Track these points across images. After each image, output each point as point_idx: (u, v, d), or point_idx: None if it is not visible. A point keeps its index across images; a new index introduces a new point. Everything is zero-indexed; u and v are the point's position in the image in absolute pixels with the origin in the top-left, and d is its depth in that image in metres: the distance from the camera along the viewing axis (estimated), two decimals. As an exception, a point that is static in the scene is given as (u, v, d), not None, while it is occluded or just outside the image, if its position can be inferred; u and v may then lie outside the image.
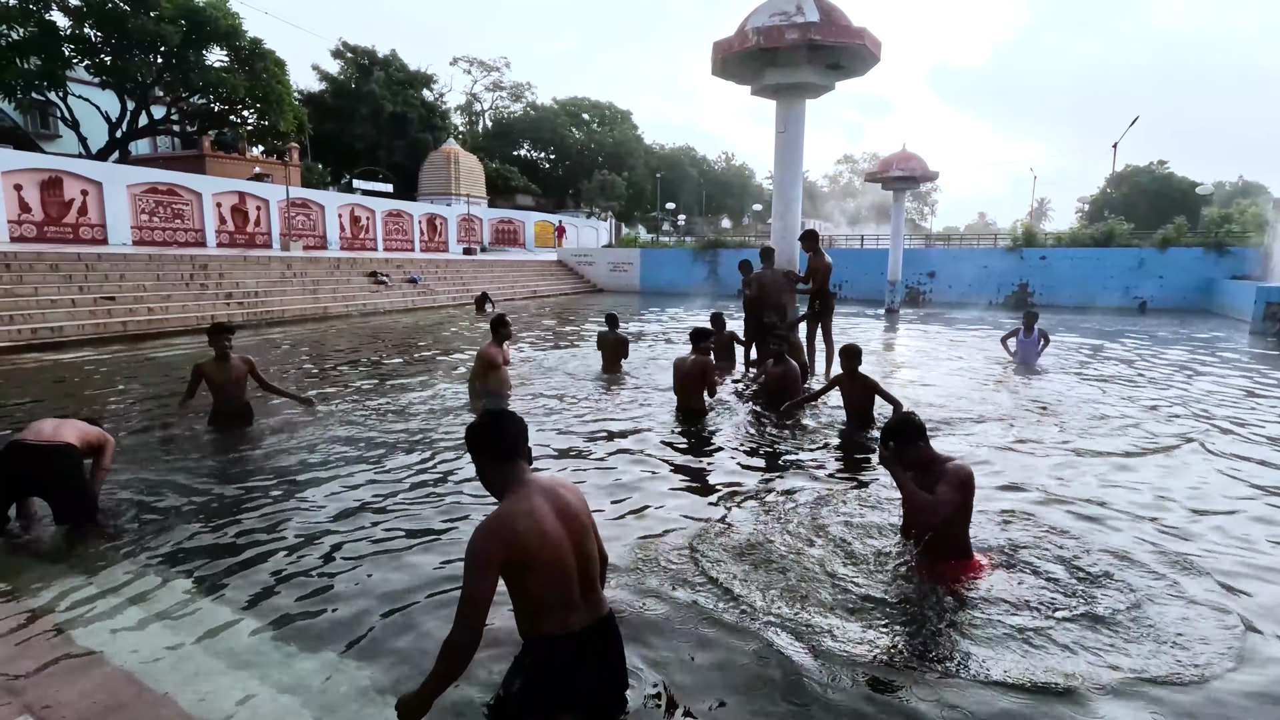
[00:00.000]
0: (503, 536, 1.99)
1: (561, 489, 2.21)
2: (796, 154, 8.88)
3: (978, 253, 26.02)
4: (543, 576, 2.05)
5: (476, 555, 1.97)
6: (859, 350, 6.17)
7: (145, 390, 7.97)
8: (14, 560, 3.56)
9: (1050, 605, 3.10)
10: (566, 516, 2.13)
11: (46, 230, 17.85)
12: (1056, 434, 6.12)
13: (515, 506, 2.05)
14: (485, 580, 1.97)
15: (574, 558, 2.12)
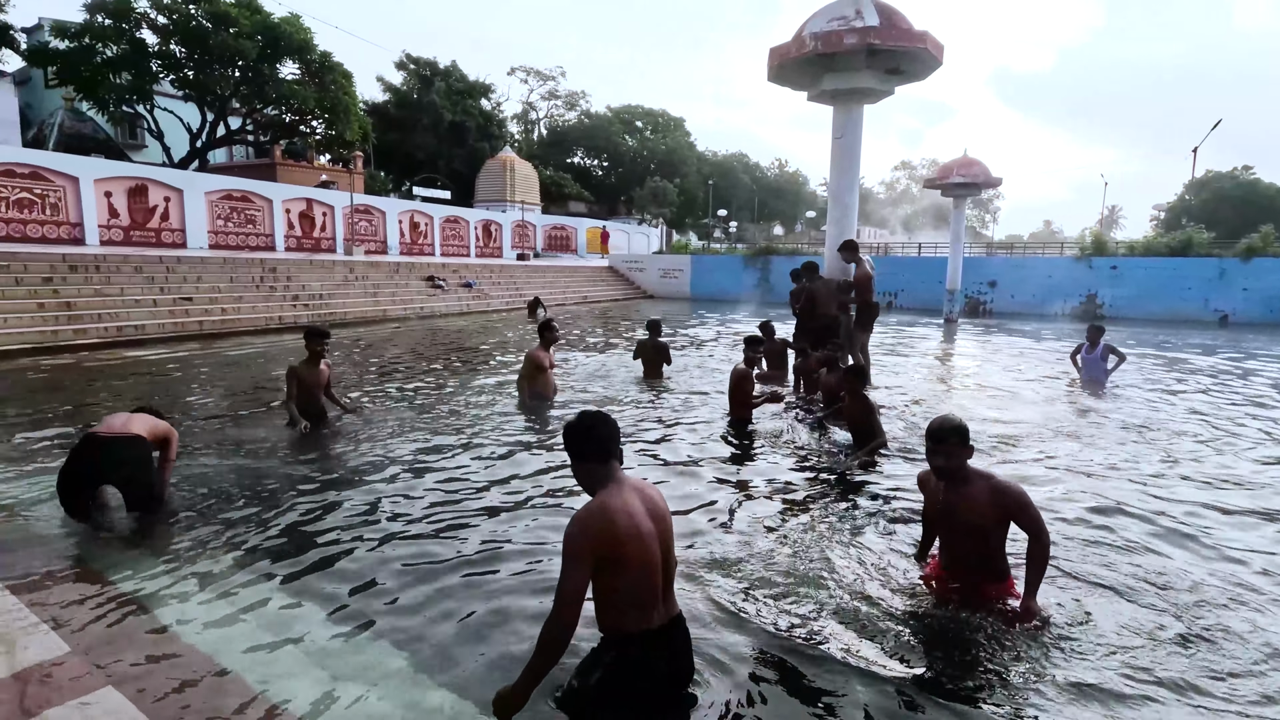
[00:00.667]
0: (597, 531, 2.07)
1: (649, 489, 2.28)
2: (853, 160, 8.72)
3: (1043, 261, 25.07)
4: (631, 573, 2.12)
5: (572, 548, 2.06)
6: (864, 370, 6.01)
7: (226, 386, 8.38)
8: (94, 546, 3.79)
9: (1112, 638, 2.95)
10: (655, 516, 2.20)
11: (132, 234, 18.99)
12: (1112, 457, 5.74)
13: (610, 502, 2.12)
14: (579, 572, 2.05)
15: (660, 557, 2.18)
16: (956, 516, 2.98)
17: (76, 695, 2.34)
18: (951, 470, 2.96)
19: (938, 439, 2.96)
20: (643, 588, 2.16)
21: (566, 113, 61.81)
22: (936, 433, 2.97)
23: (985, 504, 2.89)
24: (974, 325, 19.26)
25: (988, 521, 2.90)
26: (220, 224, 21.22)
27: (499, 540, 3.91)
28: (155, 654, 2.71)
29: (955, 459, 2.94)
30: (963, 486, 2.96)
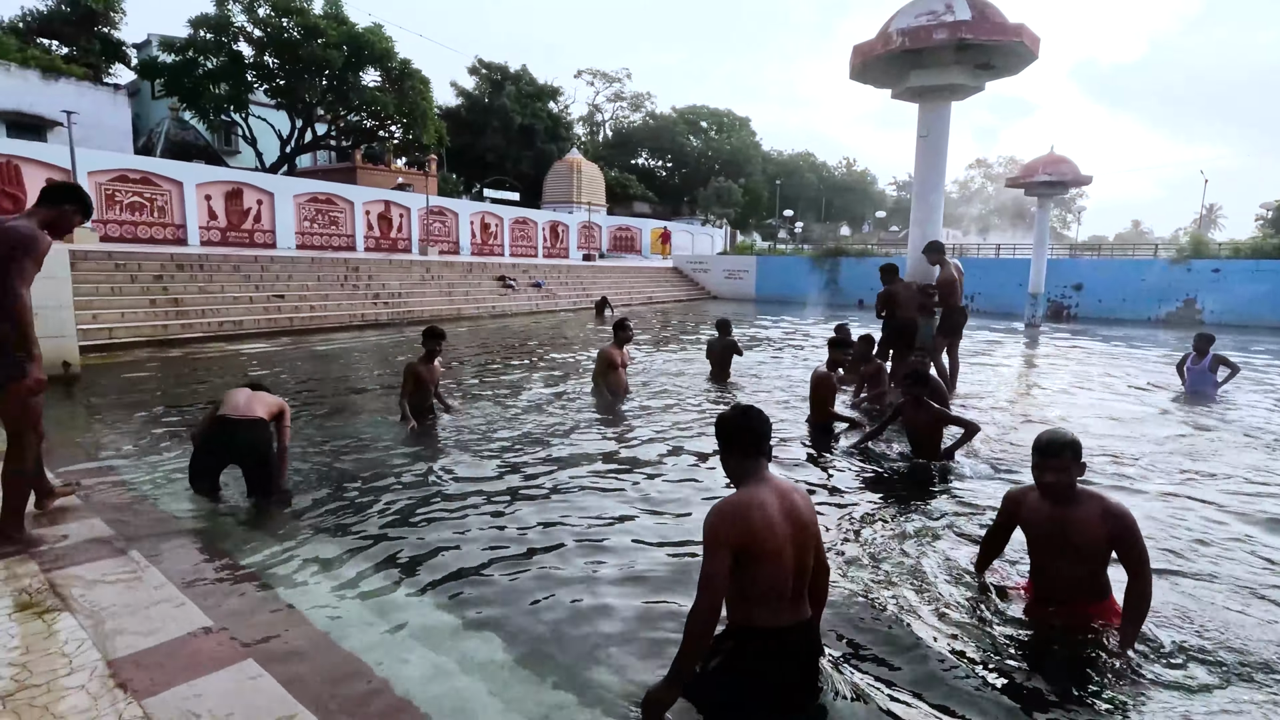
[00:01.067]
0: (734, 522, 2.13)
1: (795, 494, 2.29)
2: (939, 159, 8.46)
3: (1134, 264, 23.61)
4: (762, 569, 2.16)
5: (710, 537, 2.14)
6: (925, 376, 5.54)
7: (322, 377, 8.83)
8: (217, 525, 4.06)
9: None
10: (794, 518, 2.22)
11: (228, 235, 20.23)
12: (1229, 480, 5.29)
13: (750, 497, 2.18)
14: (718, 559, 2.11)
15: (793, 559, 2.21)
16: (1066, 539, 2.74)
17: (222, 665, 2.52)
18: (1062, 488, 2.74)
19: (1049, 453, 2.74)
20: (770, 586, 2.20)
21: (631, 114, 62.27)
22: (1047, 447, 2.76)
23: (1097, 526, 2.68)
24: (1058, 331, 18.35)
25: (1099, 545, 2.71)
26: (306, 225, 22.35)
27: (596, 535, 3.98)
28: (280, 629, 2.88)
29: (1067, 476, 2.73)
30: (1071, 506, 2.74)
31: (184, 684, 2.41)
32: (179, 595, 3.06)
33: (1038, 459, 2.78)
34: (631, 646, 2.88)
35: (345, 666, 2.65)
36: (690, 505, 4.54)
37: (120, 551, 3.48)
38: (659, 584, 3.44)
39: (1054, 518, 2.78)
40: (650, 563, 3.67)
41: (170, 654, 2.59)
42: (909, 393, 5.38)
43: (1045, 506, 2.82)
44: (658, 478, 5.09)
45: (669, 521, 4.27)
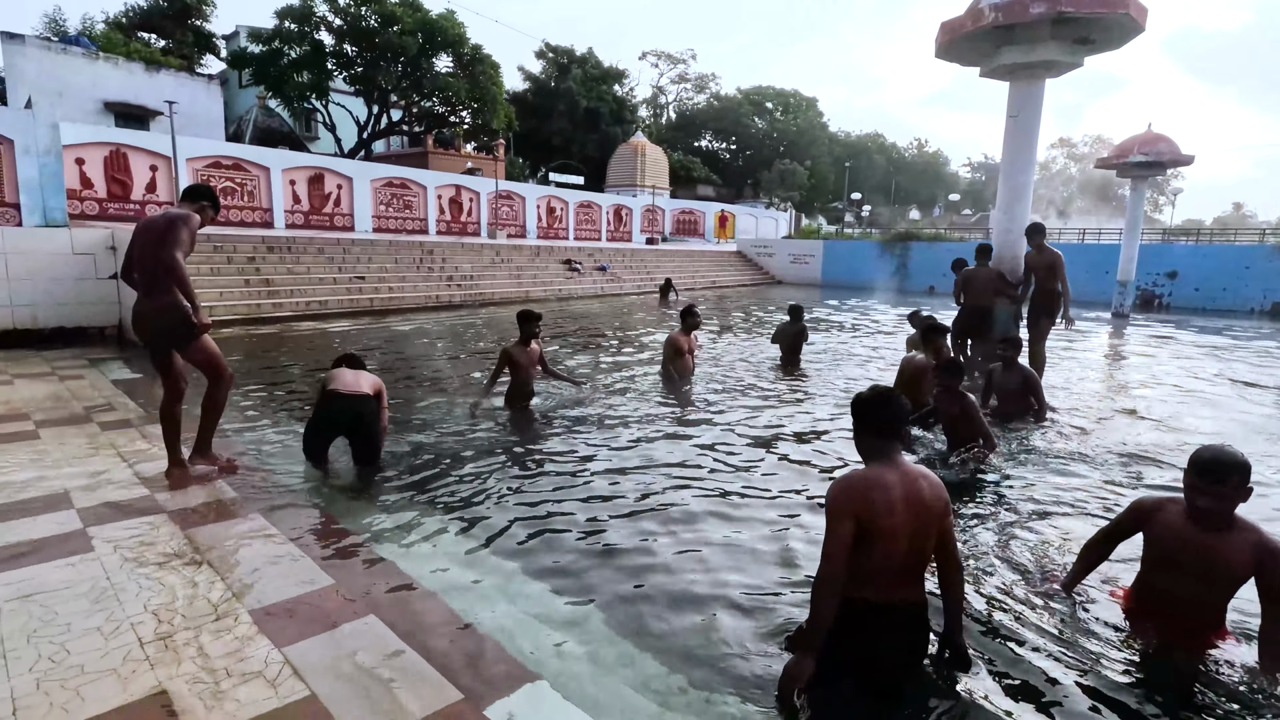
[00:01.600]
0: (854, 496, 2.25)
1: (922, 480, 2.34)
2: (1030, 139, 8.09)
3: (1237, 250, 21.98)
4: (876, 546, 2.25)
5: (833, 507, 2.27)
6: (960, 366, 5.24)
7: (410, 356, 9.24)
8: (327, 493, 4.34)
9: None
10: (915, 502, 2.28)
11: (311, 219, 21.18)
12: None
13: (874, 477, 2.28)
14: (842, 529, 2.23)
15: (907, 541, 2.27)
16: (1204, 566, 2.48)
17: (348, 620, 2.73)
18: (1219, 516, 2.44)
19: (1215, 477, 2.40)
20: (882, 563, 2.28)
21: (696, 95, 61.55)
22: (1213, 468, 2.41)
23: (1247, 559, 2.41)
24: (1149, 321, 17.31)
25: (1242, 576, 2.45)
26: (382, 209, 23.16)
27: (676, 517, 4.07)
28: (387, 584, 3.08)
29: (1229, 504, 2.42)
30: (1225, 533, 2.46)
31: (315, 636, 2.63)
32: (298, 553, 3.32)
33: (1196, 480, 2.45)
34: (700, 616, 2.96)
35: (442, 614, 2.83)
36: (765, 485, 4.58)
37: (245, 514, 3.78)
38: (731, 556, 3.50)
39: (1196, 543, 2.50)
40: (720, 538, 3.73)
41: (296, 606, 2.83)
42: (942, 383, 5.13)
43: (1188, 528, 2.52)
44: (729, 458, 5.13)
45: (749, 502, 4.32)
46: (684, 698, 2.46)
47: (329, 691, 2.31)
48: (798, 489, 4.58)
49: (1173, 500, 2.62)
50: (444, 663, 2.50)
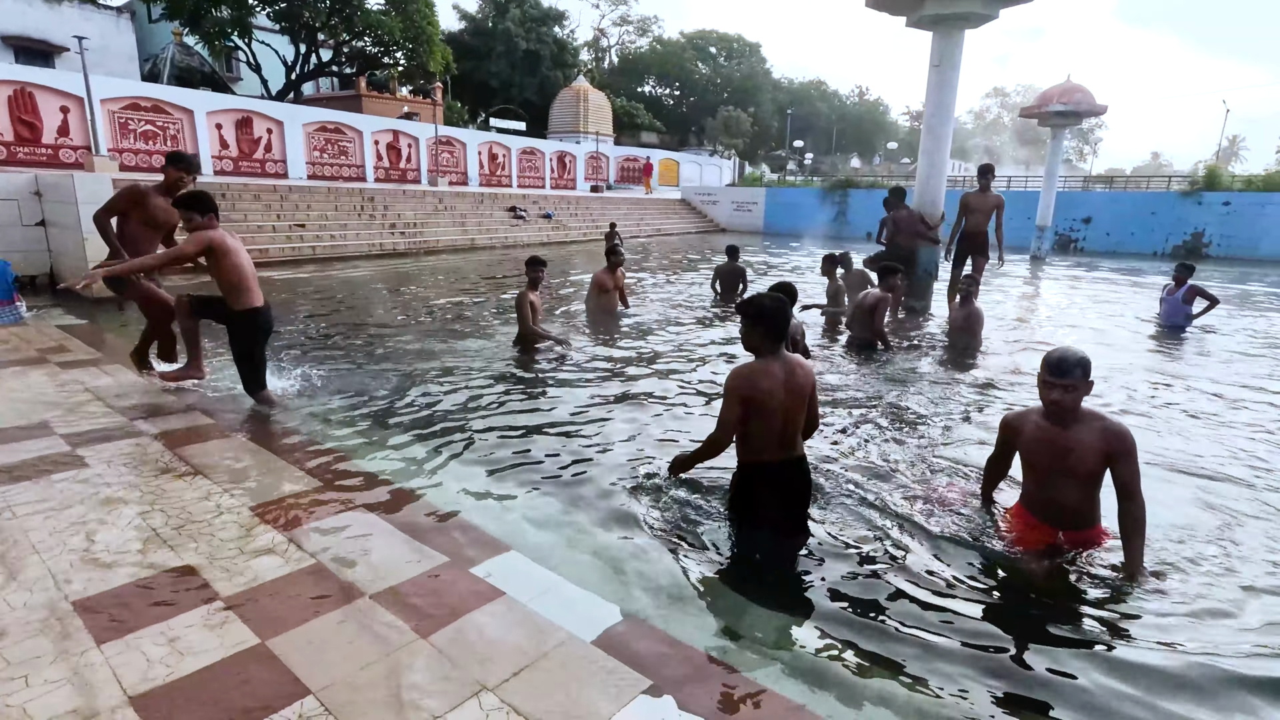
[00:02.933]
0: (746, 382, 2.84)
1: (799, 368, 2.93)
2: (950, 89, 8.65)
3: (1145, 196, 23.52)
4: (762, 420, 2.87)
5: (729, 389, 2.85)
6: (898, 269, 6.83)
7: (370, 303, 9.34)
8: (305, 416, 4.64)
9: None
10: (792, 387, 2.89)
11: (241, 165, 20.32)
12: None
13: (761, 367, 2.87)
14: (732, 406, 2.84)
15: (783, 415, 2.91)
16: (1065, 461, 2.76)
17: (341, 512, 3.13)
18: (1069, 407, 2.71)
19: (1060, 371, 2.70)
20: (770, 431, 2.92)
21: (638, 39, 60.18)
22: (1058, 365, 2.71)
23: (1098, 446, 2.70)
24: (1063, 263, 18.59)
25: (1098, 466, 2.73)
26: (316, 155, 22.35)
27: (594, 413, 4.56)
28: (378, 486, 3.46)
29: (1076, 395, 2.70)
30: (1073, 427, 2.74)
31: (311, 523, 3.02)
32: (285, 464, 3.67)
33: (1048, 376, 2.73)
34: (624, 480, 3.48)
35: (425, 506, 3.25)
36: (700, 390, 5.11)
37: (224, 434, 4.08)
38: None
39: (1055, 440, 2.78)
40: (629, 431, 4.25)
41: (292, 503, 3.20)
42: (884, 282, 6.59)
43: (1045, 428, 2.81)
44: (648, 379, 5.64)
45: (686, 406, 4.84)
46: (635, 562, 2.97)
47: (330, 560, 2.72)
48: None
49: (1031, 410, 2.95)
50: (430, 539, 2.95)
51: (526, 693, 2.02)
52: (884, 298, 6.74)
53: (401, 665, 2.12)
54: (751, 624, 2.54)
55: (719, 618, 2.57)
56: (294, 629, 2.28)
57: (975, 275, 8.00)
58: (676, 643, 2.36)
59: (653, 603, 2.62)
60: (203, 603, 2.40)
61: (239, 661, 2.11)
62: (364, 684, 2.03)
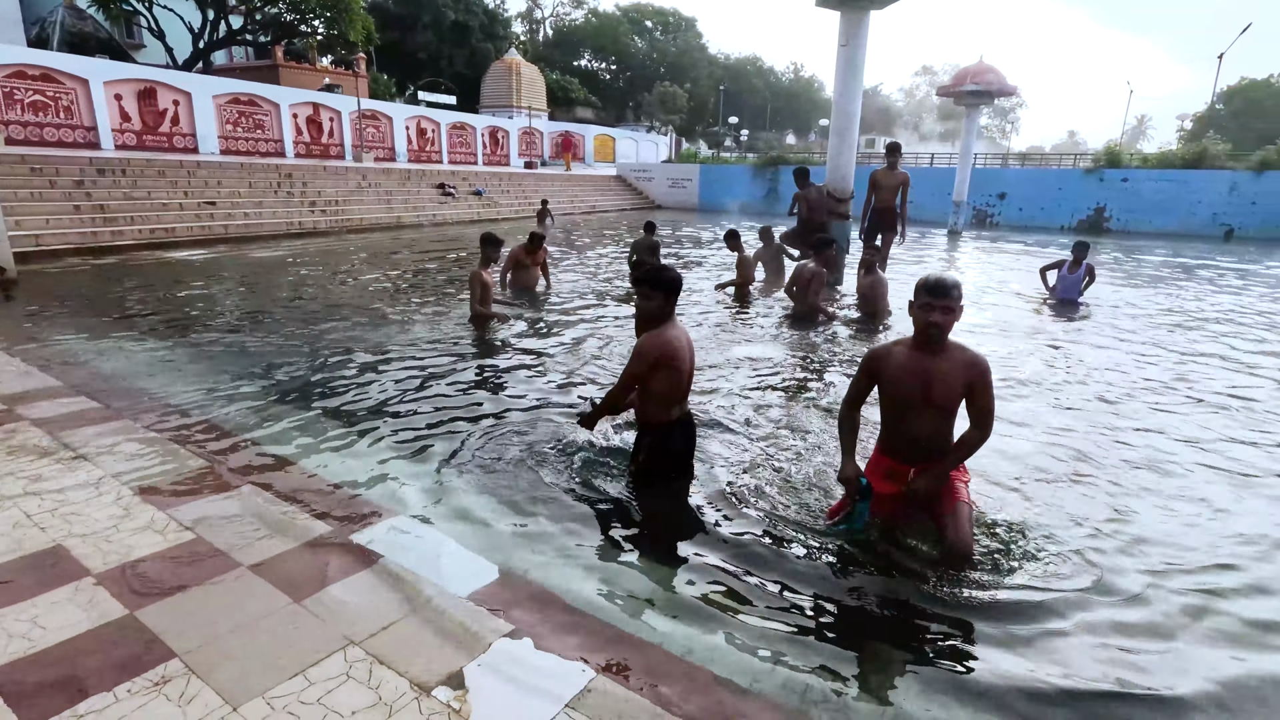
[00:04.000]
0: (661, 346, 3.10)
1: (687, 335, 3.25)
2: (858, 69, 8.94)
3: (1053, 174, 24.84)
4: (670, 380, 3.15)
5: (641, 352, 3.10)
6: (833, 239, 7.27)
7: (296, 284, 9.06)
8: (206, 397, 4.56)
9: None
10: (690, 348, 3.22)
11: (145, 139, 19.15)
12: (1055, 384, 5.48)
13: (669, 333, 3.15)
14: (641, 368, 3.14)
15: (689, 374, 3.23)
16: (929, 391, 2.71)
17: (226, 490, 3.15)
18: (946, 330, 2.68)
19: (939, 291, 2.64)
20: (673, 392, 3.21)
21: (573, 11, 59.10)
22: (938, 286, 2.65)
23: (961, 375, 2.69)
24: (977, 238, 19.51)
25: (958, 395, 2.72)
26: (229, 129, 21.25)
27: (509, 394, 4.67)
28: (267, 465, 3.49)
29: (952, 317, 2.67)
30: (939, 356, 2.71)
31: (196, 500, 3.04)
32: (174, 445, 3.64)
33: (926, 299, 2.66)
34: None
35: (314, 483, 3.31)
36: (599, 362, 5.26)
37: (117, 418, 3.99)
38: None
39: (922, 368, 2.72)
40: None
41: (177, 482, 3.20)
42: (817, 253, 6.96)
43: (914, 356, 2.74)
44: (561, 349, 5.78)
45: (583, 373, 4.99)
46: (523, 523, 3.11)
47: (212, 533, 2.76)
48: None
49: (897, 342, 2.86)
50: (313, 509, 3.01)
51: (392, 644, 2.14)
52: (819, 272, 7.09)
53: (271, 628, 2.20)
54: (627, 573, 2.73)
55: (596, 570, 2.74)
56: (164, 598, 2.32)
57: (884, 250, 8.38)
58: (546, 592, 2.52)
59: (535, 560, 2.77)
60: (70, 580, 2.41)
61: (105, 631, 2.15)
62: (231, 646, 2.11)
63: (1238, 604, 2.65)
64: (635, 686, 2.01)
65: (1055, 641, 2.39)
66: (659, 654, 2.21)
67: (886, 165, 8.74)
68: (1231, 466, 3.91)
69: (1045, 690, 2.17)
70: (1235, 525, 3.25)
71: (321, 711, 1.86)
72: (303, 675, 1.99)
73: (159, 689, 1.92)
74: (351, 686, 1.96)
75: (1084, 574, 2.78)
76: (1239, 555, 2.99)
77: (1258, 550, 3.03)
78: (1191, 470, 3.85)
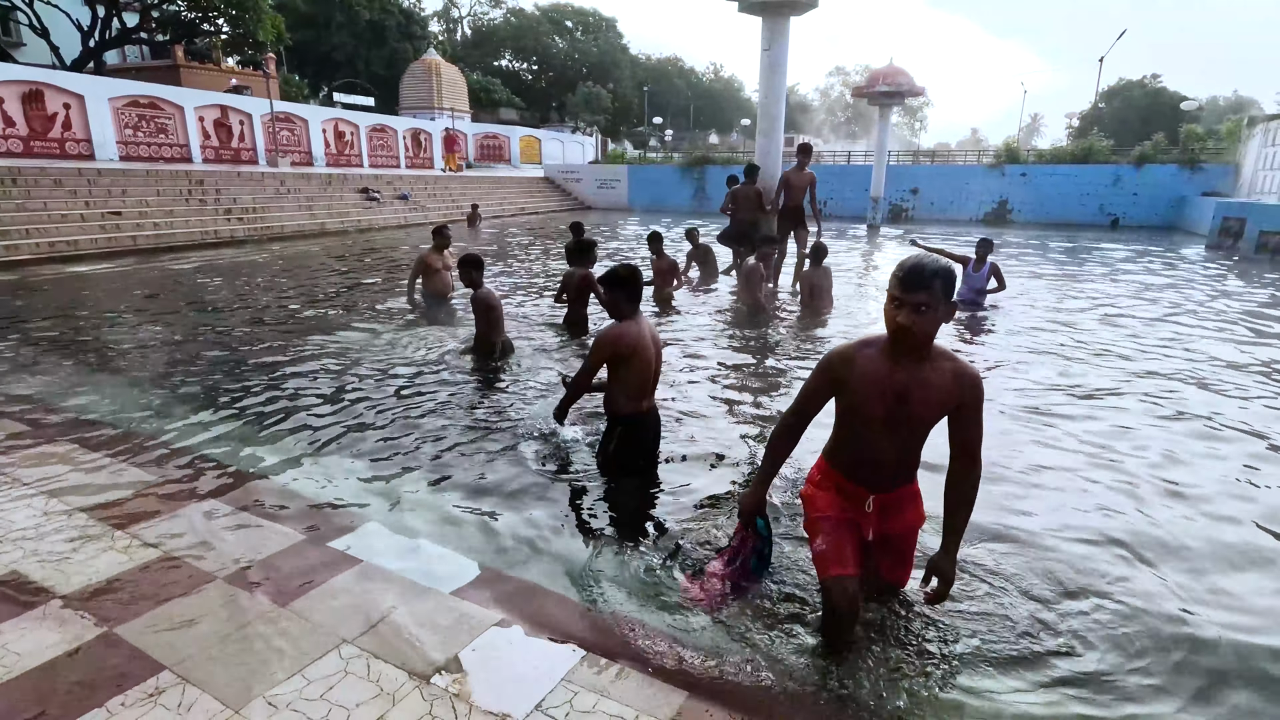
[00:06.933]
0: (617, 340, 3.24)
1: (652, 329, 3.39)
2: (780, 72, 9.32)
3: (960, 170, 26.39)
4: (635, 372, 3.29)
5: (599, 345, 3.26)
6: (776, 239, 7.57)
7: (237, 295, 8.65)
8: (151, 416, 4.39)
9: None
10: (653, 341, 3.36)
11: (33, 145, 17.76)
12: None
13: (629, 327, 3.27)
14: (597, 359, 3.28)
15: (653, 367, 3.37)
16: (907, 405, 2.07)
17: (192, 502, 3.10)
18: (925, 333, 1.98)
19: (914, 283, 1.94)
20: (640, 384, 3.36)
21: (491, 10, 58.34)
22: (912, 274, 1.95)
23: (948, 391, 2.06)
24: (894, 231, 20.54)
25: (940, 415, 2.13)
26: (129, 133, 19.96)
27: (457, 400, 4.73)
28: (229, 480, 3.42)
29: (932, 317, 1.97)
30: (922, 364, 2.05)
31: (159, 518, 2.98)
32: (124, 464, 3.52)
33: (897, 291, 1.97)
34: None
35: (285, 496, 3.29)
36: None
37: (47, 439, 3.82)
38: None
39: (894, 379, 2.06)
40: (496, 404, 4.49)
41: (137, 502, 3.12)
42: (761, 252, 7.49)
43: (886, 367, 2.07)
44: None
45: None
46: (496, 522, 3.19)
47: (179, 548, 2.73)
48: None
49: (866, 343, 2.14)
50: (285, 520, 3.01)
51: (385, 640, 2.21)
52: (755, 267, 7.54)
53: (261, 633, 2.23)
54: (604, 560, 2.86)
55: (574, 560, 2.86)
56: (142, 615, 2.31)
57: (800, 249, 8.79)
58: (527, 584, 2.62)
59: (514, 555, 2.86)
60: (36, 604, 2.35)
61: (85, 650, 2.13)
62: (221, 654, 2.13)
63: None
64: (624, 662, 2.16)
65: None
66: (641, 632, 2.36)
67: (796, 165, 8.94)
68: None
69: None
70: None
71: (326, 707, 1.92)
72: (300, 675, 2.04)
73: (154, 700, 1.93)
74: (351, 681, 2.02)
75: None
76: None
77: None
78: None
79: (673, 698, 2.01)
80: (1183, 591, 2.68)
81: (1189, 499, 3.46)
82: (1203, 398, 5.03)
